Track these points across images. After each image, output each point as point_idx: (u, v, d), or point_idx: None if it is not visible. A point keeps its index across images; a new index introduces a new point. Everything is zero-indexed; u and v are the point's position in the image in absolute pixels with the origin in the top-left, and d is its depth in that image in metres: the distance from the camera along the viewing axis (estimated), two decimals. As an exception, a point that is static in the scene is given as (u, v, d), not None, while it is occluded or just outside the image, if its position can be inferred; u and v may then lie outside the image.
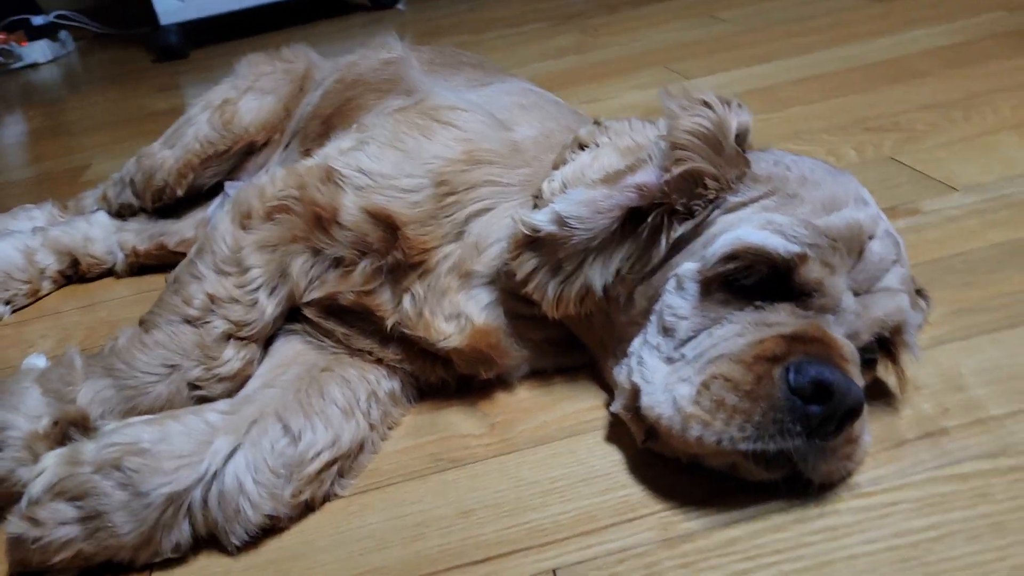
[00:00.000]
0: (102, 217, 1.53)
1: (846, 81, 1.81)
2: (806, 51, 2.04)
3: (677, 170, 0.84)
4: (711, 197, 0.84)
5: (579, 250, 0.87)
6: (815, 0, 2.47)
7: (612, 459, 0.87)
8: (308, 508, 0.86)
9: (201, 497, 0.81)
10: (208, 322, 0.94)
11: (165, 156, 1.47)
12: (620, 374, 0.85)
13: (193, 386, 0.93)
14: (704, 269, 0.81)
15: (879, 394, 0.88)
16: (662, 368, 0.81)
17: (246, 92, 1.50)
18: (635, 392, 0.82)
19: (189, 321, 0.94)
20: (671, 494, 0.81)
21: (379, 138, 1.00)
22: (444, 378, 1.00)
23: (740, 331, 0.78)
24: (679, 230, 0.85)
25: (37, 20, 3.78)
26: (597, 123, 1.01)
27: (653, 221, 0.86)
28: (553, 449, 0.89)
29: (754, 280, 0.79)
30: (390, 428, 0.97)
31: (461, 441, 0.93)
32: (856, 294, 0.80)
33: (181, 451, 0.81)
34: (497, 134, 1.00)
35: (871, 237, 0.81)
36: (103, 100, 2.92)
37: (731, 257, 0.79)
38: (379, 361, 0.98)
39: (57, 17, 3.89)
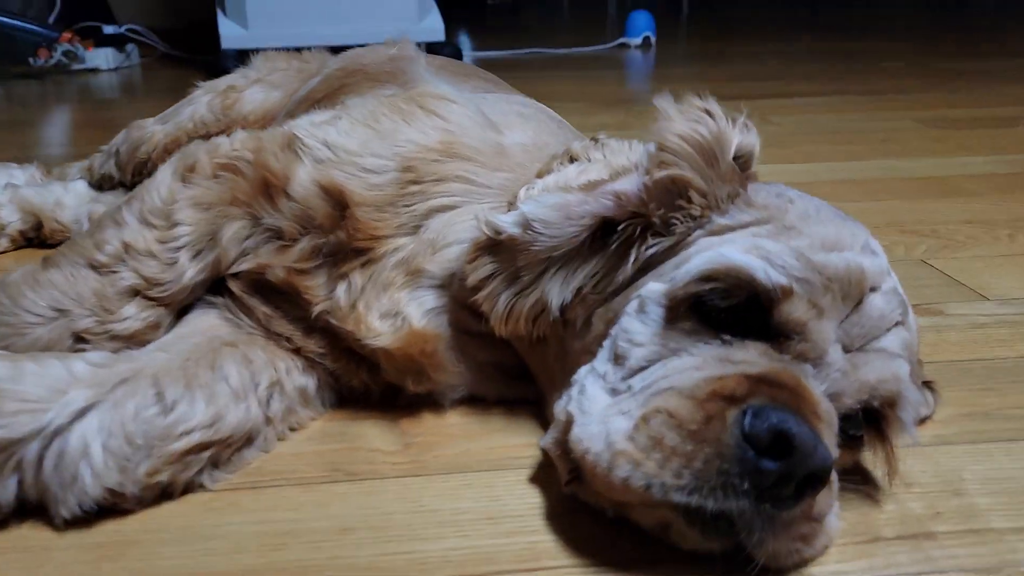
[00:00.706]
0: (80, 186, 1.45)
1: (889, 188, 1.70)
2: (853, 158, 1.94)
3: (659, 174, 0.72)
4: (695, 214, 0.72)
5: (540, 259, 0.76)
6: (870, 119, 2.38)
7: (530, 501, 0.73)
8: (165, 494, 0.73)
9: (37, 453, 0.68)
10: (115, 272, 0.83)
11: (155, 130, 1.40)
12: (558, 405, 0.72)
13: (79, 338, 0.81)
14: (673, 290, 0.69)
15: (860, 483, 0.74)
16: (603, 399, 0.68)
17: (255, 83, 1.43)
18: (568, 424, 0.68)
19: (95, 267, 0.83)
20: (586, 550, 0.66)
21: (355, 114, 0.90)
22: (368, 384, 0.87)
23: (698, 364, 0.65)
24: (653, 246, 0.73)
25: (108, 29, 3.84)
26: (595, 139, 0.90)
27: (624, 233, 0.74)
28: (467, 479, 0.76)
29: (728, 307, 0.66)
30: (293, 429, 0.84)
31: (367, 455, 0.80)
32: (846, 350, 0.66)
33: (28, 395, 0.69)
34: (484, 133, 0.90)
35: (874, 289, 0.68)
36: (152, 108, 2.91)
37: (707, 278, 0.67)
38: (297, 352, 0.86)
39: (128, 31, 3.95)
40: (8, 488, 0.68)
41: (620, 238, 0.74)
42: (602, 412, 0.66)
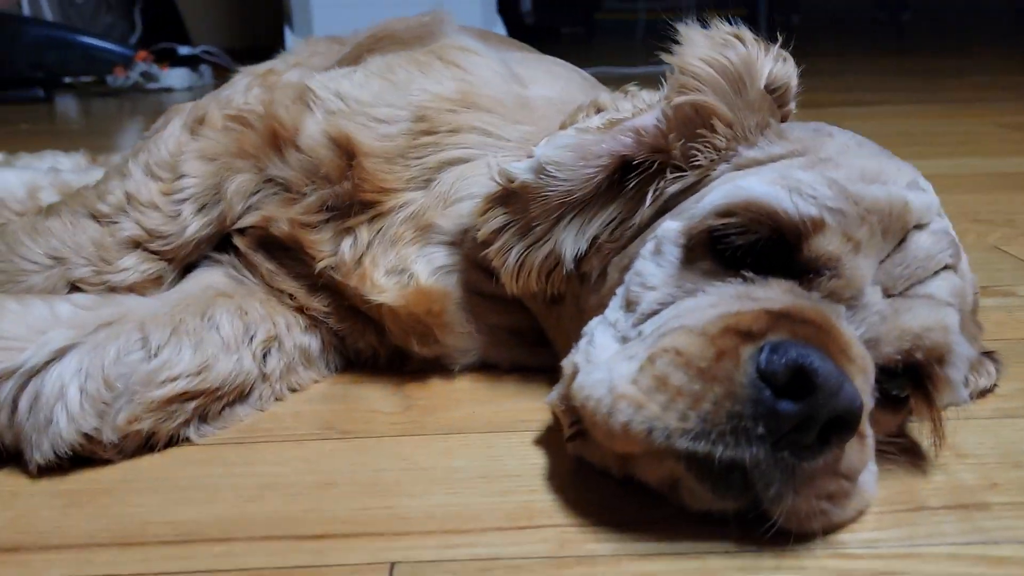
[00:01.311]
0: (122, 173, 1.45)
1: (964, 183, 1.59)
2: (925, 156, 1.83)
3: (679, 100, 0.66)
4: (719, 145, 0.66)
5: (554, 206, 0.70)
6: (950, 124, 2.26)
7: (531, 461, 0.66)
8: (148, 445, 0.69)
9: (12, 393, 0.65)
10: (116, 222, 0.80)
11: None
12: (567, 359, 0.65)
13: (75, 288, 0.78)
14: (690, 228, 0.62)
15: (904, 452, 0.65)
16: (612, 347, 0.61)
17: (294, 66, 1.40)
18: (573, 375, 0.61)
19: (95, 217, 0.81)
20: (586, 510, 0.60)
21: (371, 67, 0.86)
22: (375, 347, 0.82)
23: (714, 302, 0.58)
24: (673, 183, 0.67)
25: (183, 50, 3.93)
26: (625, 91, 0.84)
27: (643, 171, 0.68)
28: (466, 440, 0.70)
29: (750, 244, 0.59)
30: (293, 390, 0.79)
31: (365, 415, 0.75)
32: (887, 294, 0.59)
33: (6, 332, 0.66)
34: (507, 85, 0.85)
35: (919, 226, 0.60)
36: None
37: (724, 212, 0.60)
38: (301, 310, 0.82)
39: (203, 52, 4.04)
40: (-19, 431, 0.65)
41: (638, 177, 0.68)
42: (608, 359, 0.60)
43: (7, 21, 3.01)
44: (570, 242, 0.70)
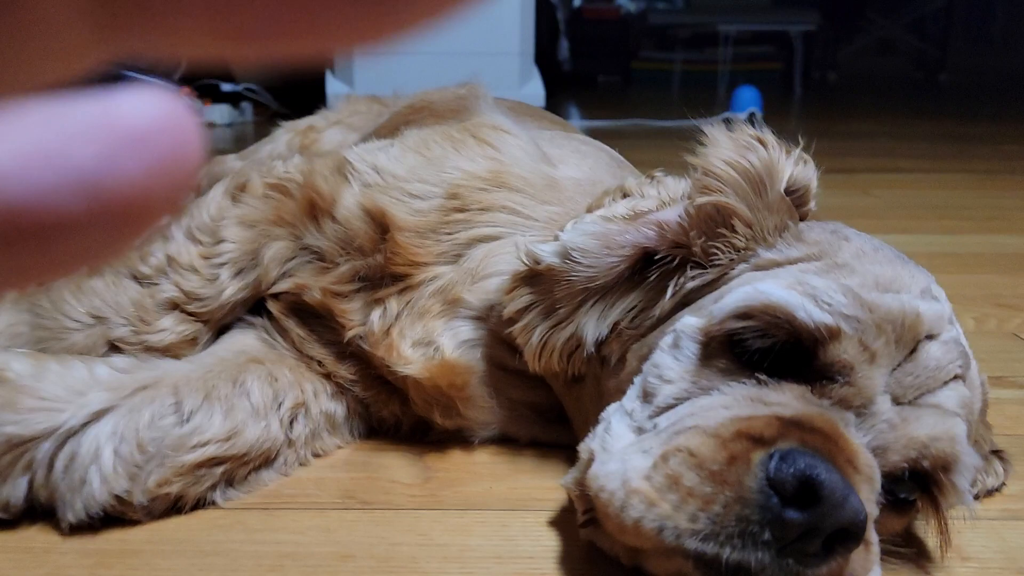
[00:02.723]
0: (163, 218, 1.50)
1: (988, 263, 1.59)
2: (952, 232, 1.84)
3: (701, 200, 0.68)
4: (739, 245, 0.68)
5: (578, 291, 0.72)
6: (978, 196, 2.26)
7: (545, 544, 0.68)
8: (175, 507, 0.71)
9: (49, 453, 0.68)
10: (156, 284, 0.83)
11: (234, 166, 1.43)
12: (584, 443, 0.67)
13: (114, 347, 0.81)
14: (708, 326, 0.64)
15: (911, 553, 0.66)
16: (627, 437, 0.63)
17: (334, 124, 1.46)
18: (589, 462, 0.63)
19: (137, 278, 0.84)
20: (596, 598, 0.61)
21: (407, 142, 0.89)
22: (399, 416, 0.85)
23: (727, 403, 0.60)
24: (693, 279, 0.69)
25: (226, 87, 4.02)
26: (652, 177, 0.87)
27: (664, 264, 0.70)
28: (483, 517, 0.72)
29: (767, 347, 0.61)
30: (317, 455, 0.81)
31: (385, 485, 0.77)
32: (896, 402, 0.60)
33: (46, 393, 0.69)
34: (536, 165, 0.88)
35: (931, 336, 0.62)
36: (252, 160, 3.02)
37: (742, 315, 0.62)
38: (328, 377, 0.84)
39: (245, 89, 4.13)
40: (18, 488, 0.68)
41: (660, 270, 0.70)
42: (623, 450, 0.62)
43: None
44: (592, 326, 0.72)
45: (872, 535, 0.57)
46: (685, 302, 0.69)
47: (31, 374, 0.70)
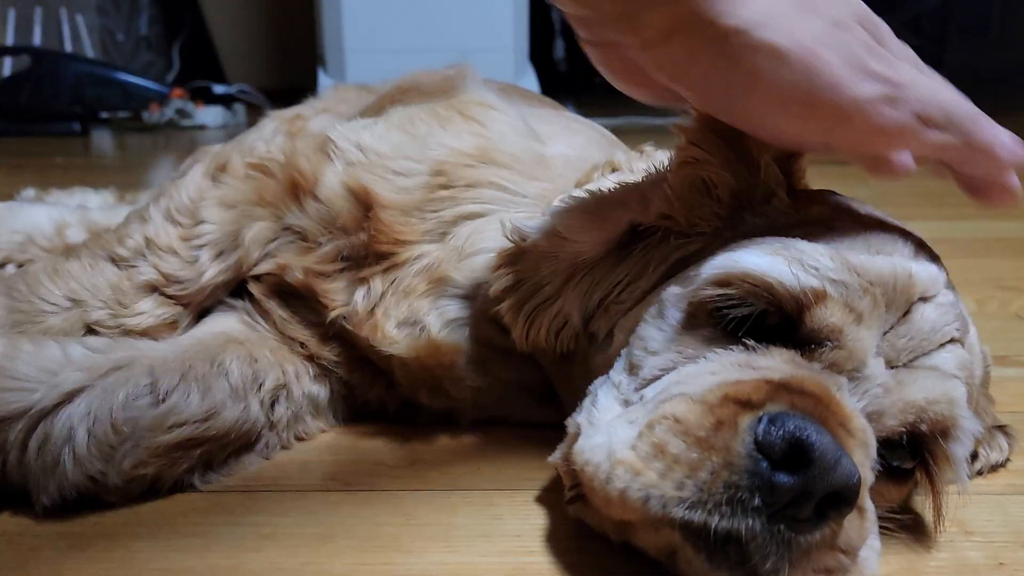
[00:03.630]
0: (149, 212, 1.48)
1: (988, 247, 1.58)
2: (951, 218, 1.82)
3: (684, 169, 0.66)
4: (723, 214, 0.66)
5: (564, 266, 0.71)
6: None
7: (533, 522, 0.66)
8: (152, 489, 0.69)
9: (22, 435, 0.65)
10: (134, 266, 0.81)
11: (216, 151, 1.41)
12: (571, 418, 0.65)
13: (92, 330, 0.79)
14: (690, 294, 0.62)
15: (909, 527, 0.64)
16: (614, 409, 0.61)
17: (322, 112, 1.44)
18: (576, 436, 0.61)
19: (114, 260, 0.82)
20: (583, 573, 0.59)
21: (391, 120, 0.87)
22: (384, 399, 0.83)
23: (715, 369, 0.58)
24: (678, 250, 0.67)
25: (218, 89, 4.00)
26: (641, 151, 0.85)
27: (649, 236, 0.68)
28: (469, 497, 0.70)
29: (748, 315, 0.59)
30: (300, 439, 0.79)
31: (369, 467, 0.75)
32: (891, 366, 0.58)
33: (19, 373, 0.67)
34: (524, 142, 0.86)
35: (924, 298, 0.60)
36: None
37: (718, 283, 0.60)
38: (311, 359, 0.82)
39: (238, 91, 4.11)
40: (-9, 470, 0.66)
41: (645, 242, 0.69)
42: (609, 423, 0.59)
43: (50, 57, 3.09)
44: (578, 302, 0.70)
45: (867, 502, 0.55)
46: (671, 273, 0.67)
47: (3, 354, 0.68)
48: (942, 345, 0.59)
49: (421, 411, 0.82)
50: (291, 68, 4.30)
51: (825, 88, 0.57)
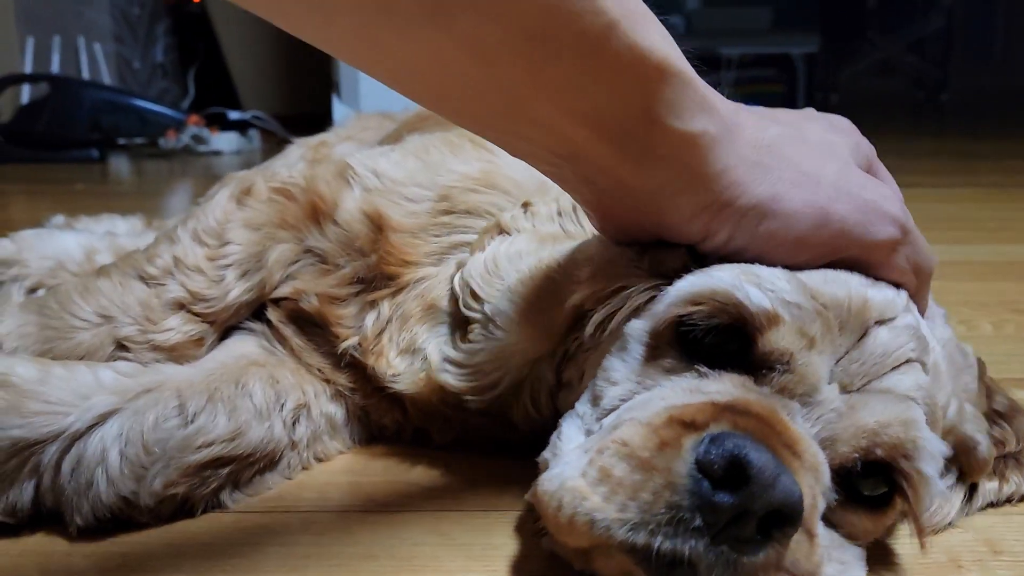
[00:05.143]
0: (173, 237, 1.48)
1: (1001, 271, 1.57)
2: (963, 242, 1.82)
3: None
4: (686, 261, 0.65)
5: (517, 365, 0.72)
6: (986, 209, 2.25)
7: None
8: (183, 510, 0.69)
9: (56, 457, 0.65)
10: (163, 284, 0.82)
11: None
12: (542, 455, 0.64)
13: (121, 346, 0.79)
14: (655, 323, 0.62)
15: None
16: (577, 439, 0.61)
17: (345, 139, 1.45)
18: (544, 469, 0.61)
19: (143, 278, 0.82)
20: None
21: (407, 147, 0.89)
22: (400, 423, 0.82)
23: (665, 395, 0.58)
24: (644, 295, 0.65)
25: (233, 115, 4.02)
26: (526, 205, 0.81)
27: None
28: (504, 517, 0.69)
29: (711, 336, 0.59)
30: (319, 460, 0.80)
31: (402, 487, 0.75)
32: (845, 391, 0.57)
33: (52, 397, 0.67)
34: (529, 169, 0.86)
35: (880, 322, 0.59)
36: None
37: (690, 301, 0.60)
38: (328, 382, 0.82)
39: (253, 117, 4.14)
40: (25, 492, 0.66)
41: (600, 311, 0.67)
42: (568, 453, 0.59)
43: (68, 84, 3.12)
44: (545, 374, 0.72)
45: (817, 528, 0.54)
46: (637, 310, 0.65)
47: (36, 379, 0.68)
48: (896, 367, 0.58)
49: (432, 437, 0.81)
50: (305, 95, 4.32)
51: (841, 236, 0.61)
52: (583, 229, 0.76)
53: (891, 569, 0.63)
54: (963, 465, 0.69)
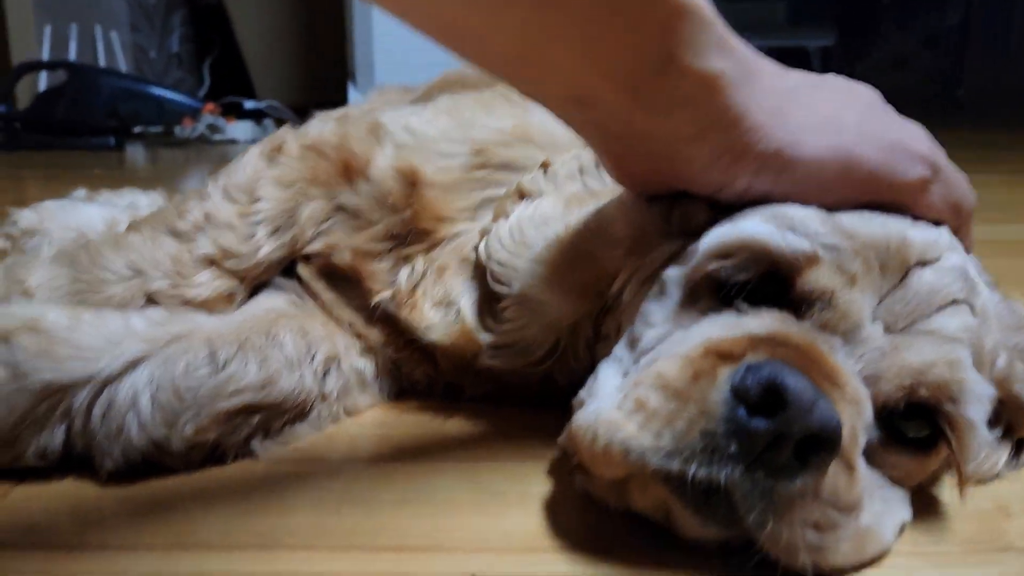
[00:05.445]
0: (193, 210, 1.48)
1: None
2: (991, 222, 1.80)
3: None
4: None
5: (549, 330, 0.72)
6: (1006, 192, 2.24)
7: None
8: (214, 457, 0.68)
9: (87, 402, 0.65)
10: (193, 240, 0.81)
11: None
12: (577, 397, 0.63)
13: (152, 300, 0.79)
14: (690, 272, 0.61)
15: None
16: (614, 382, 0.60)
17: (367, 112, 1.43)
18: (578, 409, 0.60)
19: (174, 234, 0.81)
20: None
21: (439, 105, 0.89)
22: (431, 377, 0.81)
23: (704, 332, 0.57)
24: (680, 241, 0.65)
25: (248, 104, 4.02)
26: (545, 165, 0.79)
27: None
28: (541, 466, 0.68)
29: (747, 279, 0.58)
30: (349, 413, 0.79)
31: (437, 439, 0.74)
32: (888, 331, 0.56)
33: (82, 343, 0.66)
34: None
35: (923, 263, 0.57)
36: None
37: (719, 255, 0.59)
38: (359, 336, 0.82)
39: (268, 107, 4.13)
40: (56, 436, 0.65)
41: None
42: (606, 393, 0.58)
43: (86, 72, 3.12)
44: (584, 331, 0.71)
45: (858, 462, 0.53)
46: (672, 258, 0.65)
47: (66, 325, 0.67)
48: (941, 308, 0.56)
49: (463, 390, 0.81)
50: (321, 84, 4.32)
51: (869, 179, 0.59)
52: (607, 185, 0.74)
53: (937, 515, 0.61)
54: (1011, 420, 0.68)
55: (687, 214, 0.64)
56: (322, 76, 4.24)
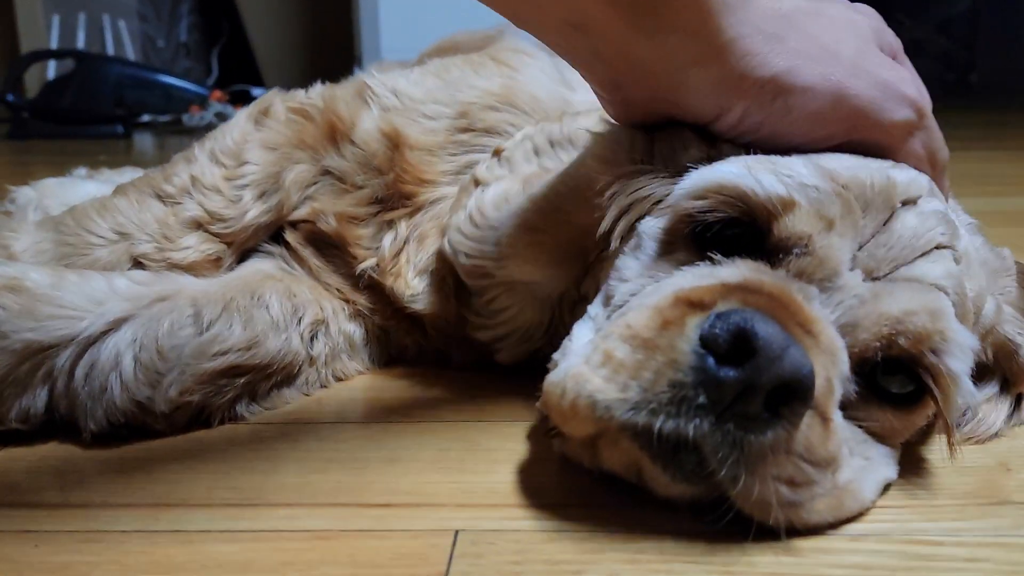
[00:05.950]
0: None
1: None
2: (998, 195, 1.78)
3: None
4: (700, 156, 0.61)
5: (527, 298, 0.71)
6: (1015, 166, 2.21)
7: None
8: (199, 420, 0.67)
9: (69, 362, 0.64)
10: (180, 203, 0.80)
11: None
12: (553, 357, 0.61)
13: (138, 263, 0.78)
14: (667, 220, 0.58)
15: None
16: (588, 338, 0.57)
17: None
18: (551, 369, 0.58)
19: (160, 197, 0.81)
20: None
21: (427, 67, 0.87)
22: (420, 343, 0.80)
23: (675, 282, 0.55)
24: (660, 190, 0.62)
25: (256, 92, 4.02)
26: (497, 152, 0.77)
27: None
28: (530, 426, 0.66)
29: (724, 228, 0.55)
30: (338, 379, 0.78)
31: (427, 401, 0.73)
32: (871, 278, 0.53)
33: (65, 302, 0.65)
34: (553, 87, 0.84)
35: (907, 203, 0.55)
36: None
37: (696, 196, 0.56)
38: (347, 302, 0.81)
39: (275, 96, 4.12)
40: (39, 398, 0.64)
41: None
42: (577, 349, 0.56)
43: (94, 60, 3.11)
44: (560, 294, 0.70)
45: (833, 414, 0.51)
46: (649, 212, 0.62)
47: (49, 284, 0.66)
48: (925, 253, 0.54)
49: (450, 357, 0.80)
50: (328, 72, 4.30)
51: (857, 114, 0.58)
52: (563, 164, 0.71)
53: (936, 470, 0.59)
54: (1006, 372, 0.66)
55: (673, 146, 0.62)
56: (329, 63, 4.22)
